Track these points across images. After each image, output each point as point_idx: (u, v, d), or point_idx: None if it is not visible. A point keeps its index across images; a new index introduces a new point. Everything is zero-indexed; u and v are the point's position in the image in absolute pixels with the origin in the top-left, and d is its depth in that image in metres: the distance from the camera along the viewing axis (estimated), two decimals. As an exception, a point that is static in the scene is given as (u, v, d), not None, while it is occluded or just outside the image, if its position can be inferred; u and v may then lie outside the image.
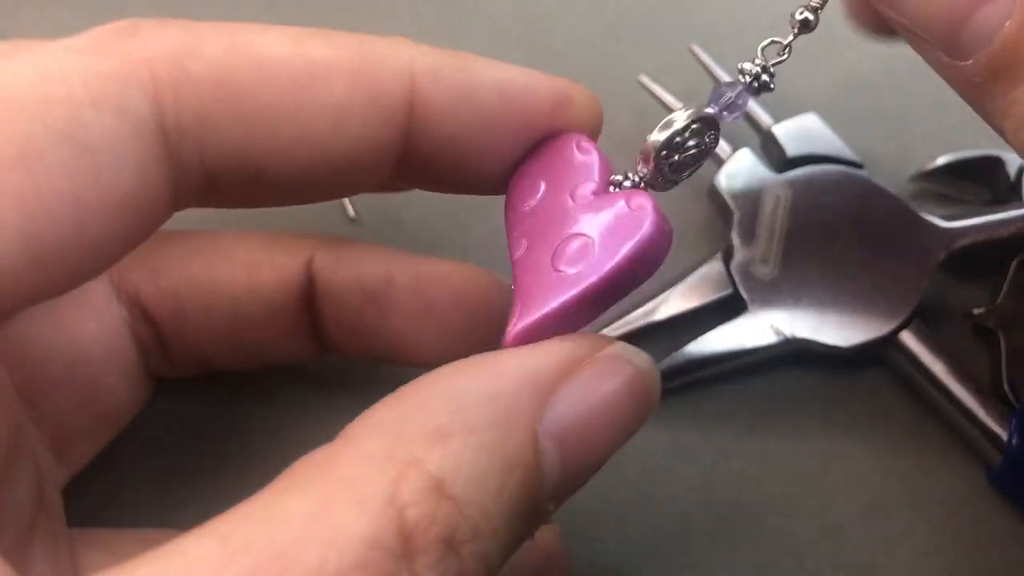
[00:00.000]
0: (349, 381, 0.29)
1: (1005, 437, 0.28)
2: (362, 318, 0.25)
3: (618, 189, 0.21)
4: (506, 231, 0.22)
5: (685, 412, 0.30)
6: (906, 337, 0.29)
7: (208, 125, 0.18)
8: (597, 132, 0.23)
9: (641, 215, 0.20)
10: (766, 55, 0.22)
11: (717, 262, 0.31)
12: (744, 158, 0.31)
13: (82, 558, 0.21)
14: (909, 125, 0.34)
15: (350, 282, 0.25)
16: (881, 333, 0.29)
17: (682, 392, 0.30)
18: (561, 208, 0.21)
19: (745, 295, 0.30)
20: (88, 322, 0.24)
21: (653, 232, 0.20)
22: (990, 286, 0.30)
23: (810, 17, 0.21)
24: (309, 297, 0.26)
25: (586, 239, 0.20)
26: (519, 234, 0.21)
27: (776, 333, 0.29)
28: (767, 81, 0.21)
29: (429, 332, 0.25)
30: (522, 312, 0.20)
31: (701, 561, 0.28)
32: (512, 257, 0.21)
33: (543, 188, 0.21)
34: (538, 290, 0.20)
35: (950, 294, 0.31)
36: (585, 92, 0.22)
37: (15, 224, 0.16)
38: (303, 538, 0.15)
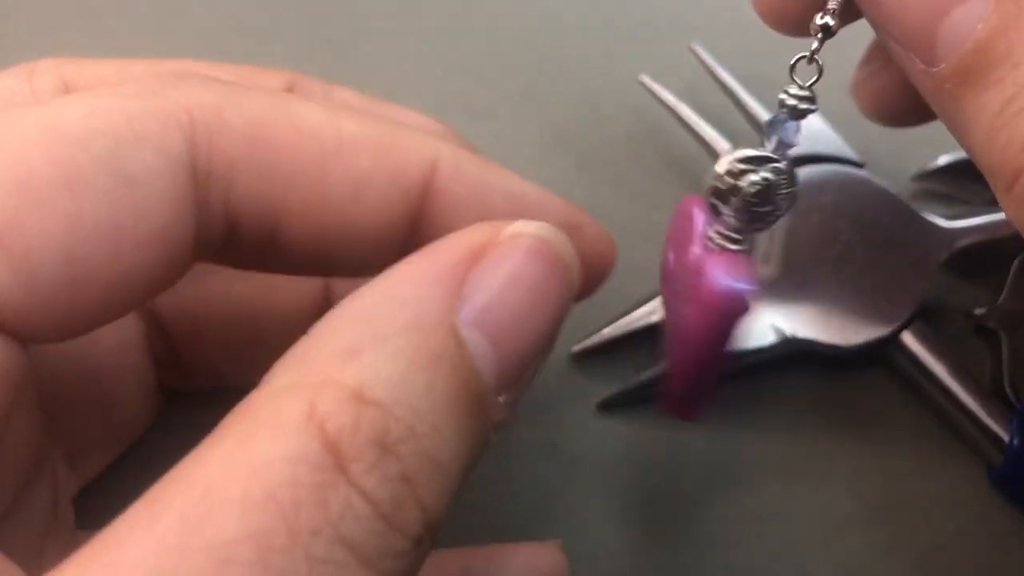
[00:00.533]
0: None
1: (1006, 438, 0.28)
2: None
3: (712, 244, 0.22)
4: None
5: (686, 412, 0.30)
6: (907, 337, 0.29)
7: (237, 173, 0.19)
8: (606, 268, 0.23)
9: (711, 288, 0.22)
10: (796, 75, 0.21)
11: (717, 262, 0.31)
12: (744, 157, 0.31)
13: None
14: (910, 125, 0.34)
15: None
16: (882, 333, 0.29)
17: (682, 392, 0.30)
18: (677, 276, 0.23)
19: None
20: (106, 334, 0.24)
21: (721, 305, 0.22)
22: (991, 286, 0.30)
23: (831, 22, 0.21)
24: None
25: (687, 311, 0.22)
26: (666, 298, 0.25)
27: (776, 333, 0.29)
28: (809, 107, 0.21)
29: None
30: (668, 389, 0.25)
31: (701, 561, 0.28)
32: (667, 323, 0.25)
33: (672, 256, 0.23)
34: (673, 360, 0.24)
35: (951, 294, 0.31)
36: (597, 224, 0.22)
37: (58, 241, 0.17)
38: (223, 477, 0.14)
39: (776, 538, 0.29)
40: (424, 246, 0.18)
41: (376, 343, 0.16)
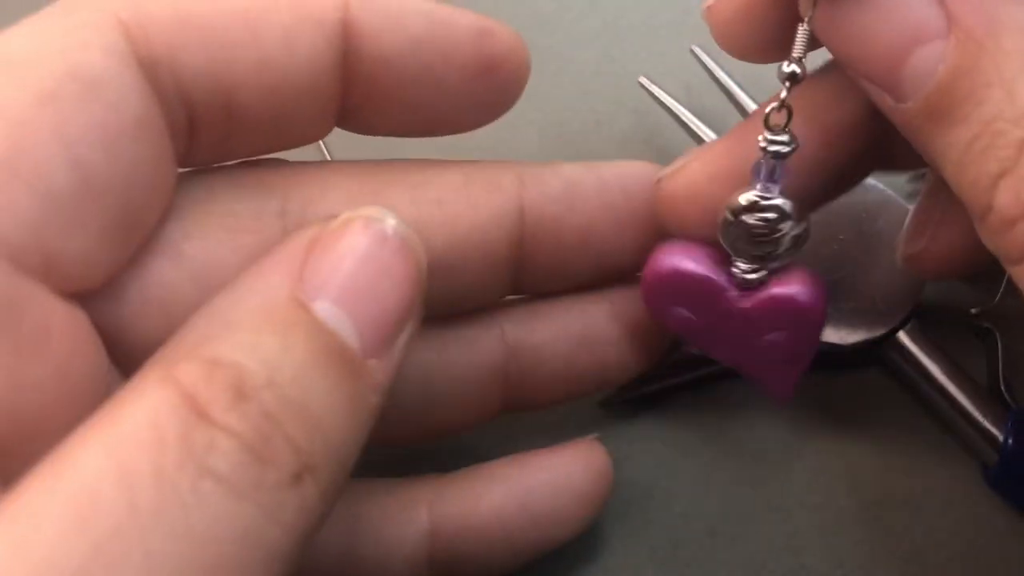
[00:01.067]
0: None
1: (1002, 437, 0.28)
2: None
3: (753, 282, 0.24)
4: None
5: (685, 411, 0.30)
6: (904, 337, 0.29)
7: (177, 56, 0.20)
8: (520, 69, 0.24)
9: (807, 315, 0.24)
10: (771, 122, 0.22)
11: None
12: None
13: None
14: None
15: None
16: (879, 332, 0.29)
17: (682, 391, 0.30)
18: (726, 324, 0.25)
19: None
20: None
21: (823, 310, 0.24)
22: (988, 286, 0.30)
23: (796, 70, 0.21)
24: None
25: (777, 338, 0.25)
26: (712, 350, 0.26)
27: (775, 333, 0.30)
28: (789, 150, 0.22)
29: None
30: (784, 389, 0.26)
31: (701, 560, 0.28)
32: (727, 362, 0.26)
33: (694, 317, 0.25)
34: (778, 377, 0.26)
35: (948, 294, 0.31)
36: (506, 27, 0.24)
37: (57, 151, 0.18)
38: (86, 430, 0.15)
39: (774, 534, 0.29)
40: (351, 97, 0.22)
41: (227, 327, 0.17)
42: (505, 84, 0.24)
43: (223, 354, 0.16)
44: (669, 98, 0.33)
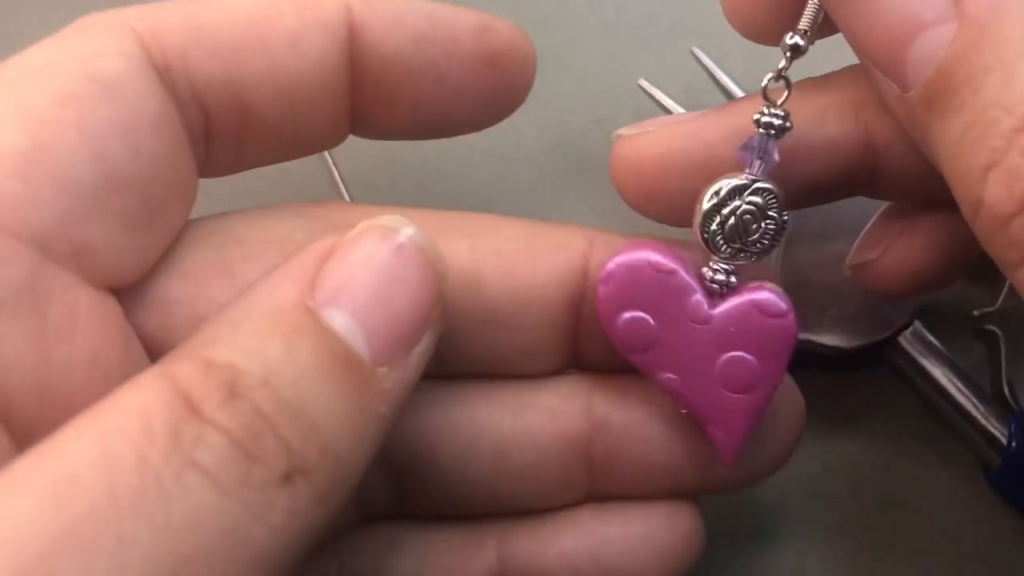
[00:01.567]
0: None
1: (1004, 440, 0.28)
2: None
3: (723, 289, 0.22)
4: (638, 368, 0.23)
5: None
6: (906, 339, 0.29)
7: (189, 60, 0.21)
8: (526, 64, 0.24)
9: (781, 323, 0.22)
10: (769, 94, 0.22)
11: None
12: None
13: None
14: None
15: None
16: (882, 334, 0.29)
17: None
18: (688, 335, 0.23)
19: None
20: None
21: (796, 327, 0.22)
22: (991, 288, 0.30)
23: (800, 42, 0.21)
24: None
25: (742, 358, 0.22)
26: (658, 369, 0.23)
27: (776, 334, 0.29)
28: (783, 124, 0.21)
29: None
30: (729, 442, 0.23)
31: (701, 561, 0.28)
32: (669, 392, 0.23)
33: (651, 321, 0.23)
34: (727, 419, 0.23)
35: (951, 296, 0.31)
36: (507, 22, 0.24)
37: (80, 146, 0.19)
38: (78, 422, 0.16)
39: (776, 536, 0.29)
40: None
41: (233, 330, 0.17)
42: (510, 79, 0.24)
43: (221, 355, 0.17)
44: (669, 100, 0.33)
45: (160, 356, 0.20)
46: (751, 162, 0.22)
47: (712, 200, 0.22)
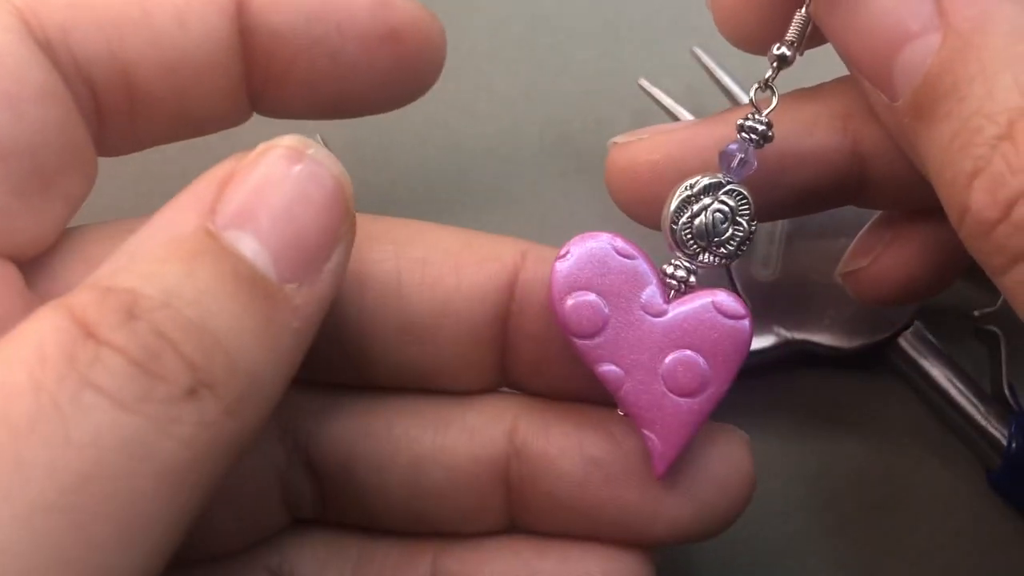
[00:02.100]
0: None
1: (1004, 440, 0.28)
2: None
3: (682, 285, 0.22)
4: (580, 357, 0.22)
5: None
6: (907, 339, 0.29)
7: (70, 35, 0.21)
8: (430, 40, 0.24)
9: (738, 325, 0.22)
10: (757, 103, 0.22)
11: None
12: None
13: None
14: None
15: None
16: (882, 335, 0.29)
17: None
18: (639, 324, 0.22)
19: (746, 297, 0.30)
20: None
21: (751, 333, 0.22)
22: (991, 288, 0.30)
23: (787, 52, 0.21)
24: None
25: (691, 358, 0.22)
26: (601, 360, 0.22)
27: (777, 334, 0.29)
28: (765, 132, 0.21)
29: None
30: (664, 450, 0.22)
31: (701, 563, 0.28)
32: (609, 387, 0.22)
33: (604, 306, 0.22)
34: (666, 423, 0.22)
35: (951, 296, 0.31)
36: (413, 2, 0.24)
37: None
38: None
39: (776, 536, 0.29)
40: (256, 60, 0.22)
41: (132, 260, 0.17)
42: (413, 57, 0.24)
43: (119, 282, 0.17)
44: (669, 100, 0.33)
45: None
46: (729, 165, 0.22)
47: (685, 192, 0.22)
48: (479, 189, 0.34)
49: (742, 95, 0.32)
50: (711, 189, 0.22)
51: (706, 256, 0.22)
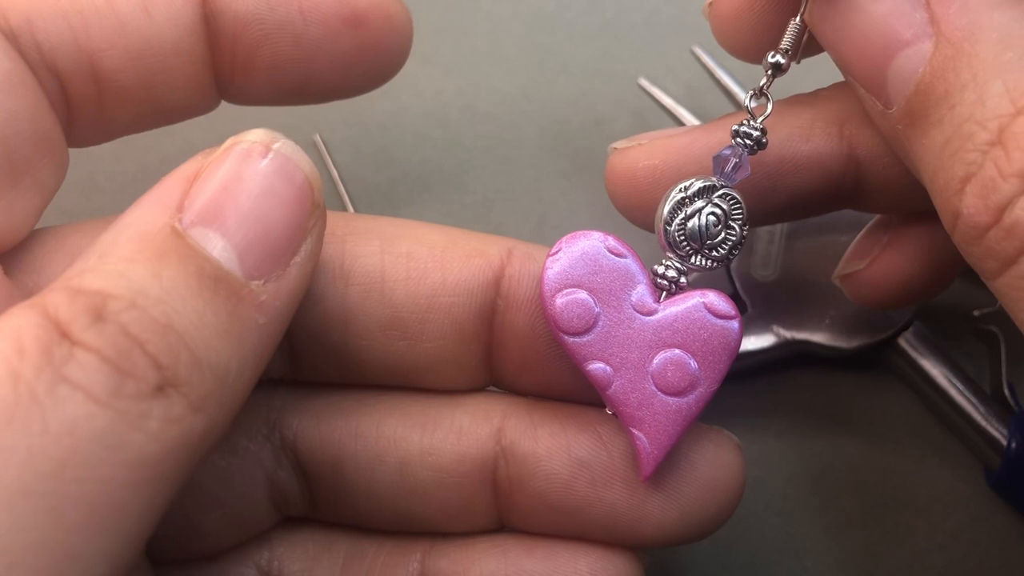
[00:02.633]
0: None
1: (1004, 441, 0.28)
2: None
3: (673, 286, 0.22)
4: (569, 354, 0.22)
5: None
6: (907, 339, 0.29)
7: (35, 25, 0.21)
8: (395, 23, 0.24)
9: (728, 325, 0.22)
10: (752, 109, 0.22)
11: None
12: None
13: None
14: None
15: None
16: (882, 335, 0.29)
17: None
18: (629, 323, 0.22)
19: (745, 297, 0.30)
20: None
21: (741, 334, 0.22)
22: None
23: (781, 60, 0.21)
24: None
25: (681, 357, 0.22)
26: (591, 358, 0.22)
27: (776, 335, 0.29)
28: (760, 138, 0.22)
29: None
30: (652, 450, 0.22)
31: (701, 563, 0.28)
32: (597, 385, 0.22)
33: (594, 304, 0.22)
34: (655, 422, 0.22)
35: (951, 296, 0.31)
36: None
37: None
38: None
39: (777, 536, 0.29)
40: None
41: (101, 259, 0.18)
42: (377, 41, 0.24)
43: (88, 283, 0.17)
44: (669, 99, 0.33)
45: None
46: (723, 169, 0.22)
47: (679, 194, 0.22)
48: (479, 189, 0.34)
49: (742, 95, 0.32)
50: (705, 192, 0.22)
51: (698, 258, 0.22)
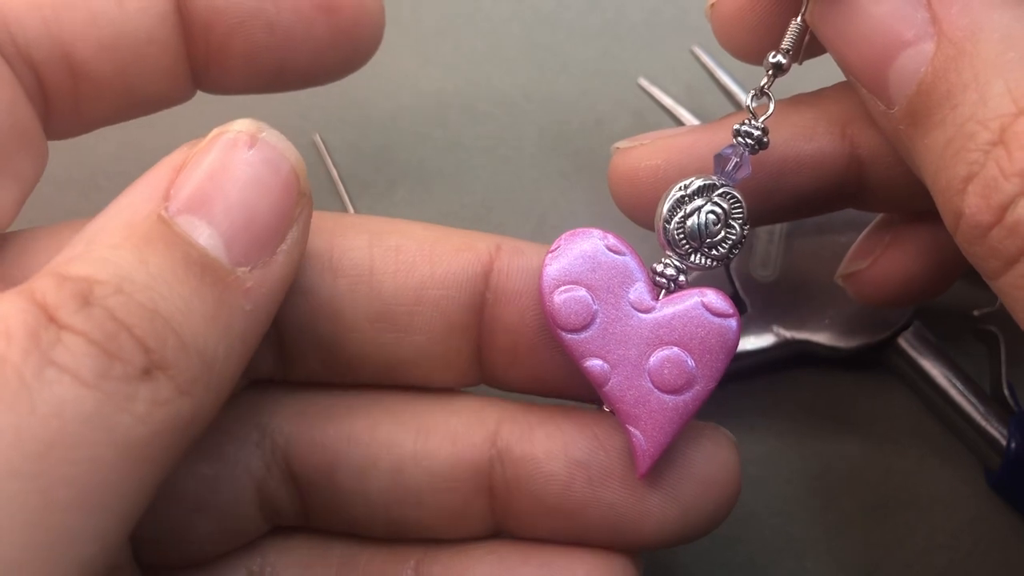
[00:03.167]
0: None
1: (1004, 441, 0.28)
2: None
3: (671, 284, 0.22)
4: (567, 351, 0.22)
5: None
6: (906, 339, 0.29)
7: (8, 16, 0.21)
8: (369, 10, 0.24)
9: (726, 323, 0.22)
10: (754, 109, 0.22)
11: (717, 264, 0.31)
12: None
13: None
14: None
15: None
16: (881, 335, 0.29)
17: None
18: (627, 320, 0.22)
19: (745, 297, 0.30)
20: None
21: (739, 333, 0.22)
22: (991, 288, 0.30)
23: (782, 60, 0.21)
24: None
25: (678, 355, 0.22)
26: (588, 354, 0.22)
27: (776, 335, 0.29)
28: (761, 137, 0.22)
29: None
30: (648, 448, 0.22)
31: (701, 561, 0.28)
32: (594, 382, 0.22)
33: (592, 300, 0.22)
34: (651, 420, 0.22)
35: (951, 296, 0.31)
36: None
37: None
38: None
39: (776, 536, 0.29)
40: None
41: (88, 246, 0.18)
42: (350, 27, 0.24)
43: (75, 269, 0.17)
44: (669, 99, 0.33)
45: None
46: (724, 168, 0.22)
47: (679, 193, 0.22)
48: (479, 189, 0.34)
49: (742, 95, 0.32)
50: (704, 190, 0.22)
51: (697, 257, 0.22)
